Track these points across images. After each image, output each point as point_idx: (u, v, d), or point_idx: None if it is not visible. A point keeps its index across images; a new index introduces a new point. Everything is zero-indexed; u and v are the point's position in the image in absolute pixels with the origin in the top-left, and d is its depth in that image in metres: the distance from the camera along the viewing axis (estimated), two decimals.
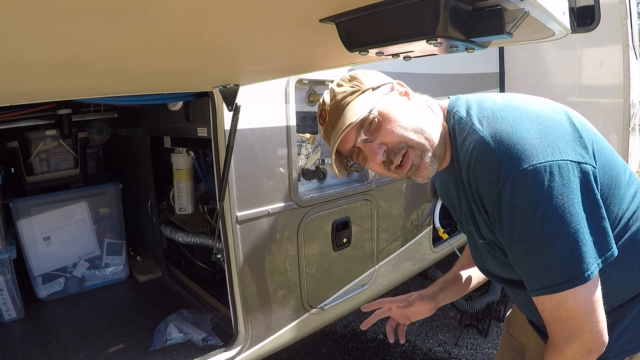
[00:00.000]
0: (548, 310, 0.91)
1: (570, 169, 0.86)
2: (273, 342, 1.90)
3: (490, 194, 0.91)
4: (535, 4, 0.60)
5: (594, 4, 2.90)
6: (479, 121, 0.96)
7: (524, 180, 0.85)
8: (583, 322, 0.88)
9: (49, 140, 2.41)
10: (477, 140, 0.94)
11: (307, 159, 1.99)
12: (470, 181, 0.97)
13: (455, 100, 1.09)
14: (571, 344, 0.90)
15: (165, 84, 1.39)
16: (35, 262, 2.35)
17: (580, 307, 0.87)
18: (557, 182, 0.84)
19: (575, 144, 0.90)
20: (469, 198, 1.01)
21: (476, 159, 0.93)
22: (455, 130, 1.02)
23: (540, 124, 0.91)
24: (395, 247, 2.51)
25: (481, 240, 1.06)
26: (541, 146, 0.87)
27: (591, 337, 0.89)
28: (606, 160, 0.95)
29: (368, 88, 1.02)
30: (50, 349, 1.92)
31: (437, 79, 2.71)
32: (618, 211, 0.96)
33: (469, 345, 3.08)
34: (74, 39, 0.65)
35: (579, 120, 0.97)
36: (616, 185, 0.96)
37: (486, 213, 0.96)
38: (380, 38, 0.66)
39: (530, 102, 0.99)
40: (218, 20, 0.65)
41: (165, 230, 2.60)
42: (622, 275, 0.97)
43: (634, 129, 3.52)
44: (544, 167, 0.85)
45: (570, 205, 0.84)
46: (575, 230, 0.85)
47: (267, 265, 1.85)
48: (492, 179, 0.89)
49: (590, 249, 0.86)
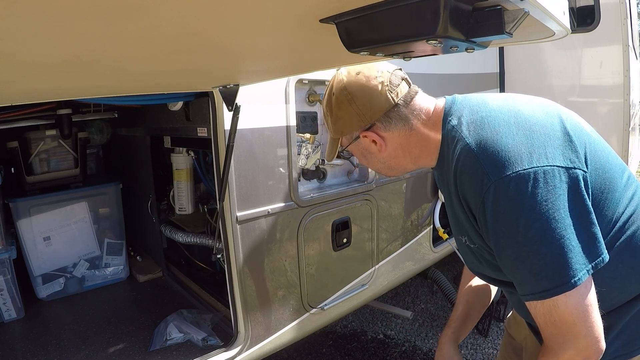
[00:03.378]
0: (541, 315, 0.90)
1: (557, 175, 0.85)
2: (273, 342, 1.90)
3: (475, 200, 0.92)
4: (535, 4, 0.60)
5: (594, 4, 2.90)
6: (467, 127, 0.97)
7: (507, 187, 0.85)
8: (577, 327, 0.87)
9: (49, 140, 2.41)
10: (462, 147, 0.95)
11: (307, 159, 1.99)
12: (457, 188, 0.97)
13: (450, 104, 1.07)
14: (566, 349, 0.89)
15: (165, 84, 1.39)
16: (35, 262, 2.35)
17: (572, 311, 0.86)
18: (542, 189, 0.84)
19: (564, 149, 0.89)
20: (460, 203, 1.01)
21: (462, 165, 0.94)
22: (449, 139, 1.03)
23: (529, 129, 0.91)
24: (395, 247, 2.51)
25: (472, 245, 1.06)
26: (526, 152, 0.87)
27: (586, 343, 0.87)
28: (600, 163, 0.94)
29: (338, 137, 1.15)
30: (50, 349, 1.92)
31: (437, 79, 2.71)
32: (613, 215, 0.95)
33: (469, 345, 3.08)
34: (74, 39, 0.65)
35: (572, 123, 0.96)
36: (611, 189, 0.95)
37: (475, 219, 0.96)
38: (380, 38, 0.66)
39: (523, 105, 0.98)
40: (218, 20, 0.65)
41: (165, 230, 2.60)
42: (617, 278, 0.96)
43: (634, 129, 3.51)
44: (528, 173, 0.84)
45: (555, 211, 0.84)
46: (561, 236, 0.84)
47: (267, 265, 1.85)
48: (477, 185, 0.90)
49: (577, 254, 0.85)
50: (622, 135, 2.97)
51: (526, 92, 1.09)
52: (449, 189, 1.04)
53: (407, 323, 3.38)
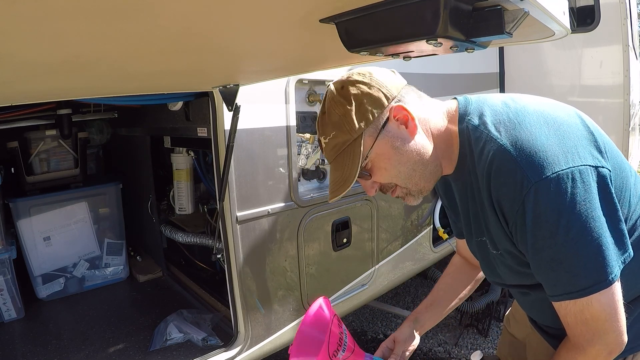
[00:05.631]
0: (572, 314, 0.91)
1: (590, 174, 0.86)
2: (273, 342, 1.90)
3: (513, 202, 0.90)
4: (535, 4, 0.60)
5: (594, 4, 2.89)
6: (496, 128, 0.94)
7: (548, 188, 0.85)
8: (607, 323, 0.89)
9: (49, 140, 2.41)
10: (496, 148, 0.91)
11: (307, 159, 1.99)
12: (490, 190, 0.95)
13: (465, 104, 1.03)
14: (594, 345, 0.91)
15: (165, 84, 1.39)
16: (35, 262, 2.35)
17: (605, 309, 0.88)
18: (580, 188, 0.84)
19: (591, 148, 0.90)
20: (486, 207, 0.99)
21: (497, 167, 0.91)
22: (471, 139, 0.99)
23: (558, 128, 0.91)
24: (395, 247, 2.51)
25: (494, 251, 1.05)
26: (561, 152, 0.87)
27: (614, 338, 0.90)
28: (617, 162, 0.95)
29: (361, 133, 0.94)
30: (50, 349, 1.92)
31: (437, 79, 2.71)
32: (627, 212, 0.97)
33: (469, 345, 3.08)
34: (74, 39, 0.65)
35: (590, 123, 0.97)
36: (626, 187, 0.96)
37: (506, 223, 0.95)
38: (380, 38, 0.66)
39: (543, 106, 0.98)
40: (218, 20, 0.65)
41: (165, 230, 2.60)
42: (630, 274, 0.97)
43: (634, 129, 3.51)
44: (566, 173, 0.84)
45: (593, 210, 0.85)
46: (599, 235, 0.85)
47: (267, 265, 1.85)
48: (515, 188, 0.88)
49: (612, 252, 0.87)
50: (622, 135, 2.97)
51: (526, 92, 1.08)
52: (474, 193, 1.02)
53: None
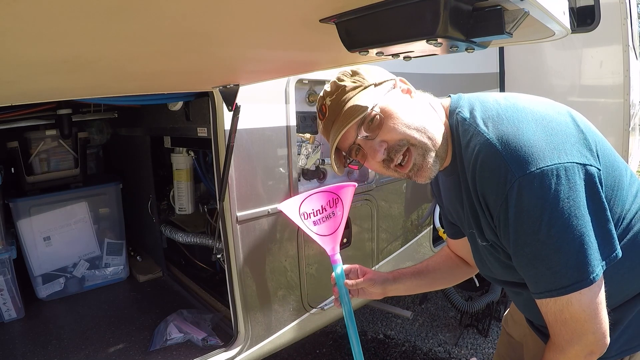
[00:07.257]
0: (552, 313, 0.91)
1: (577, 171, 0.85)
2: (273, 342, 1.90)
3: (496, 197, 0.90)
4: (535, 4, 0.60)
5: (594, 4, 2.89)
6: (484, 122, 0.95)
7: (531, 183, 0.84)
8: (587, 324, 0.88)
9: (49, 140, 2.41)
10: (482, 142, 0.92)
11: (307, 159, 1.99)
12: (475, 184, 0.95)
13: (457, 99, 1.06)
14: (574, 345, 0.90)
15: (165, 84, 1.39)
16: (35, 262, 2.35)
17: (585, 309, 0.87)
18: (564, 185, 0.84)
19: (580, 146, 0.89)
20: (472, 201, 0.99)
21: (482, 161, 0.91)
22: (459, 131, 1.00)
23: (546, 125, 0.90)
24: (396, 247, 2.51)
25: (483, 243, 1.05)
26: (547, 148, 0.86)
27: (594, 339, 0.89)
28: (609, 161, 0.95)
29: (370, 84, 1.00)
30: (50, 349, 1.92)
31: (436, 79, 2.70)
32: (621, 212, 0.96)
33: (469, 345, 3.08)
34: (74, 39, 0.65)
35: (582, 122, 0.96)
36: (619, 186, 0.96)
37: (491, 216, 0.95)
38: (380, 38, 0.66)
39: (534, 103, 0.98)
40: (218, 21, 0.65)
41: (165, 230, 2.60)
42: (624, 275, 0.97)
43: (634, 129, 3.51)
44: (551, 170, 0.84)
45: (577, 208, 0.84)
46: (581, 234, 0.84)
47: (267, 265, 1.85)
48: (499, 182, 0.88)
49: (595, 251, 0.86)
50: (622, 135, 2.97)
51: (526, 92, 1.08)
52: (461, 185, 1.03)
53: (407, 323, 3.38)
